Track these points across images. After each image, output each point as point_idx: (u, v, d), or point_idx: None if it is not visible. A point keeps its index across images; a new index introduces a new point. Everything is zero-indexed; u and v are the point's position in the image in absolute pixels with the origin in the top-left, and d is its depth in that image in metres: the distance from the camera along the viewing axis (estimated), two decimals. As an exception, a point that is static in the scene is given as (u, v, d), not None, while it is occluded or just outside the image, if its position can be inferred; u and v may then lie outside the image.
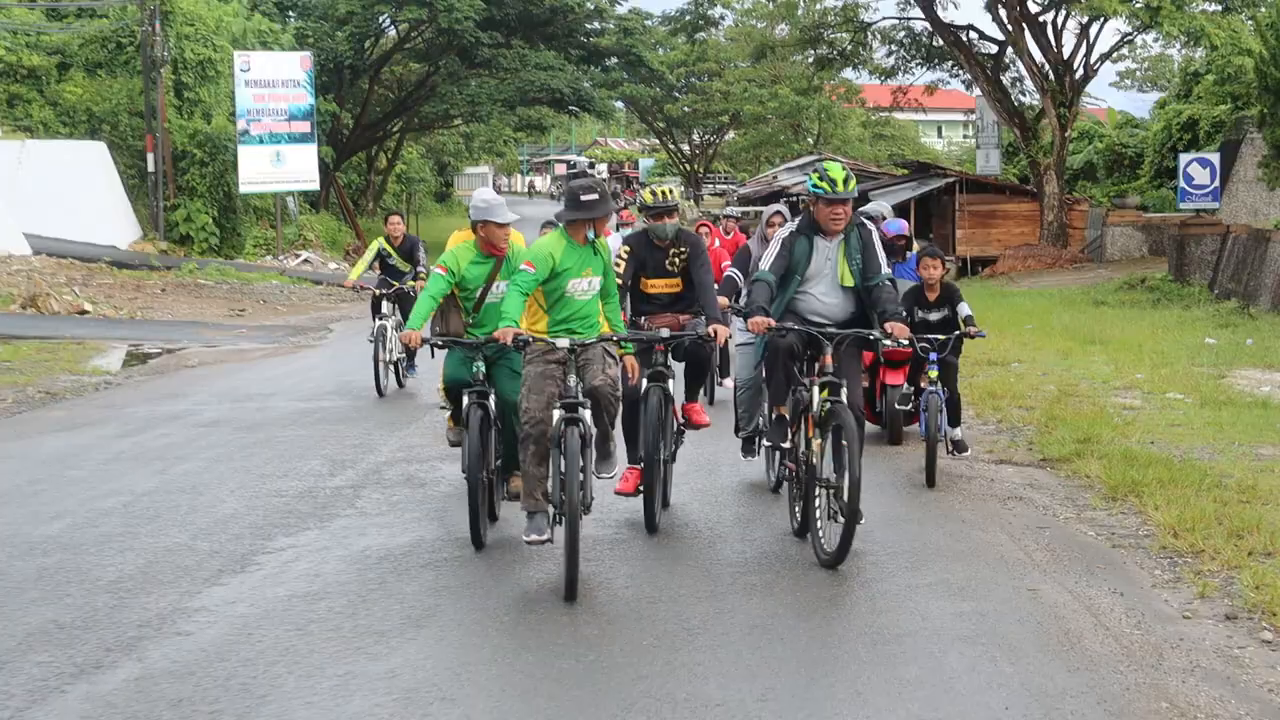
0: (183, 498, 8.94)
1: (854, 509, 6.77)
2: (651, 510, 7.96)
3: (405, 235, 14.69)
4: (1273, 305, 22.10)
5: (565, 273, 7.31)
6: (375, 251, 14.57)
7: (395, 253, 14.44)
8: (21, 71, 32.91)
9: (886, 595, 6.46)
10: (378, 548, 7.52)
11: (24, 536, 7.84)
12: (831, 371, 7.26)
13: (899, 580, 6.72)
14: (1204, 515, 7.44)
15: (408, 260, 14.44)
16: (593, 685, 5.25)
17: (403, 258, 14.44)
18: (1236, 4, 33.21)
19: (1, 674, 5.37)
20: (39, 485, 9.44)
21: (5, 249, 27.91)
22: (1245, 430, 10.50)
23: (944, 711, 4.89)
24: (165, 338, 20.57)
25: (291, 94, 34.16)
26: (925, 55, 42.07)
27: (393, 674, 5.41)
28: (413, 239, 14.78)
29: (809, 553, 7.22)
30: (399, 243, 14.52)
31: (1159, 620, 5.92)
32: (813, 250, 7.59)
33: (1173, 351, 16.45)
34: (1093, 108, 61.28)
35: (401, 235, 14.61)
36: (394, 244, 14.49)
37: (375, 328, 14.10)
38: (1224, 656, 5.42)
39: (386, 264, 14.52)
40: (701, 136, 72.68)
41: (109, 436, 11.68)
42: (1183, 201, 29.54)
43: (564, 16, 44.66)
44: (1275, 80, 24.25)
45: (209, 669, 5.43)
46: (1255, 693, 5.03)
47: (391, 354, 14.26)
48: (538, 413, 7.00)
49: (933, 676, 5.24)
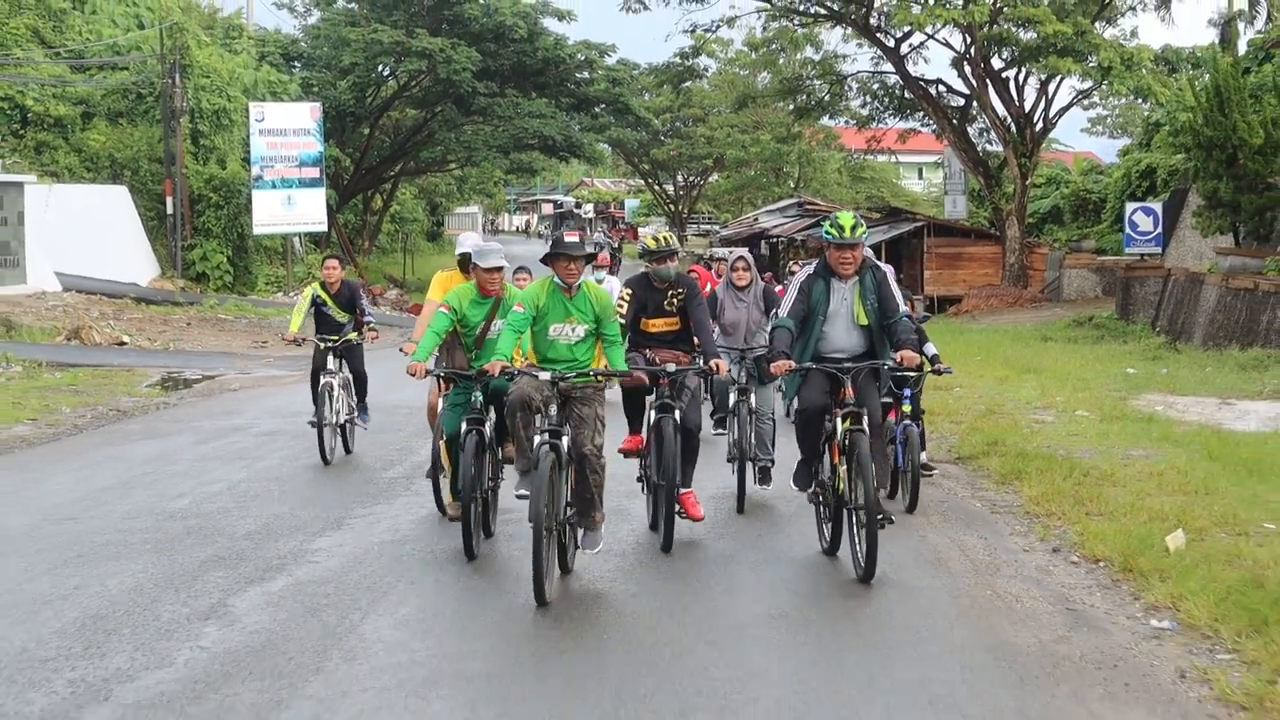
0: (272, 484, 11.26)
1: (873, 529, 7.41)
2: (670, 533, 8.50)
3: (344, 281, 12.93)
4: (1203, 341, 24.55)
5: (547, 316, 7.97)
6: (310, 299, 12.84)
7: (331, 300, 12.75)
8: (49, 120, 35.19)
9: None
10: (437, 516, 9.82)
11: (161, 509, 10.16)
12: (852, 402, 7.88)
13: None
14: (1062, 492, 9.84)
15: (346, 309, 12.81)
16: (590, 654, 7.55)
17: (340, 306, 12.79)
18: (1181, 65, 35.88)
19: (196, 583, 7.68)
20: (151, 478, 11.73)
21: (39, 286, 30.24)
22: (1126, 438, 12.87)
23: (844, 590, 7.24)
24: (202, 366, 22.88)
25: (302, 141, 36.61)
26: (898, 106, 44.61)
27: (456, 582, 7.74)
28: (352, 285, 13.05)
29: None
30: (336, 289, 12.79)
31: (1005, 552, 8.33)
32: (830, 291, 8.17)
33: (1095, 379, 18.84)
34: (1061, 153, 64.08)
35: (339, 281, 12.85)
36: (330, 290, 12.77)
37: (321, 385, 12.32)
38: (1041, 570, 7.82)
39: (321, 313, 12.82)
40: (686, 178, 75.22)
41: (189, 443, 13.98)
42: (1128, 247, 32.01)
43: (555, 67, 47.02)
44: (1206, 138, 26.62)
45: (340, 580, 7.77)
46: (1054, 588, 7.41)
47: (338, 415, 12.56)
48: (525, 388, 7.72)
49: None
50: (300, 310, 12.89)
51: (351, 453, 12.98)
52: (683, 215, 75.40)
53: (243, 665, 6.14)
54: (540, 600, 7.08)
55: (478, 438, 8.40)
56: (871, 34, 39.09)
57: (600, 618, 6.98)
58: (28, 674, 6.01)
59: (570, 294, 7.98)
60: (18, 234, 30.22)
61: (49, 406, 16.64)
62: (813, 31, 42.06)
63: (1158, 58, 36.06)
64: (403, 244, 57.56)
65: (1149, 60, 35.08)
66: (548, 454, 7.42)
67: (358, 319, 12.80)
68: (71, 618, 6.95)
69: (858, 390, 7.93)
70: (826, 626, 6.80)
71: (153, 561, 8.29)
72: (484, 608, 7.23)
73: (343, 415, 12.68)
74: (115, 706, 5.59)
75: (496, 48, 44.48)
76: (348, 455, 12.87)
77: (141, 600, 7.32)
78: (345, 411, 12.73)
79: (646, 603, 7.31)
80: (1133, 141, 51.14)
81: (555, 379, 7.70)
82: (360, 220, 54.07)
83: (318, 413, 12.21)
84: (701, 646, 6.39)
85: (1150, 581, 7.25)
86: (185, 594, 7.44)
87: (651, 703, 5.57)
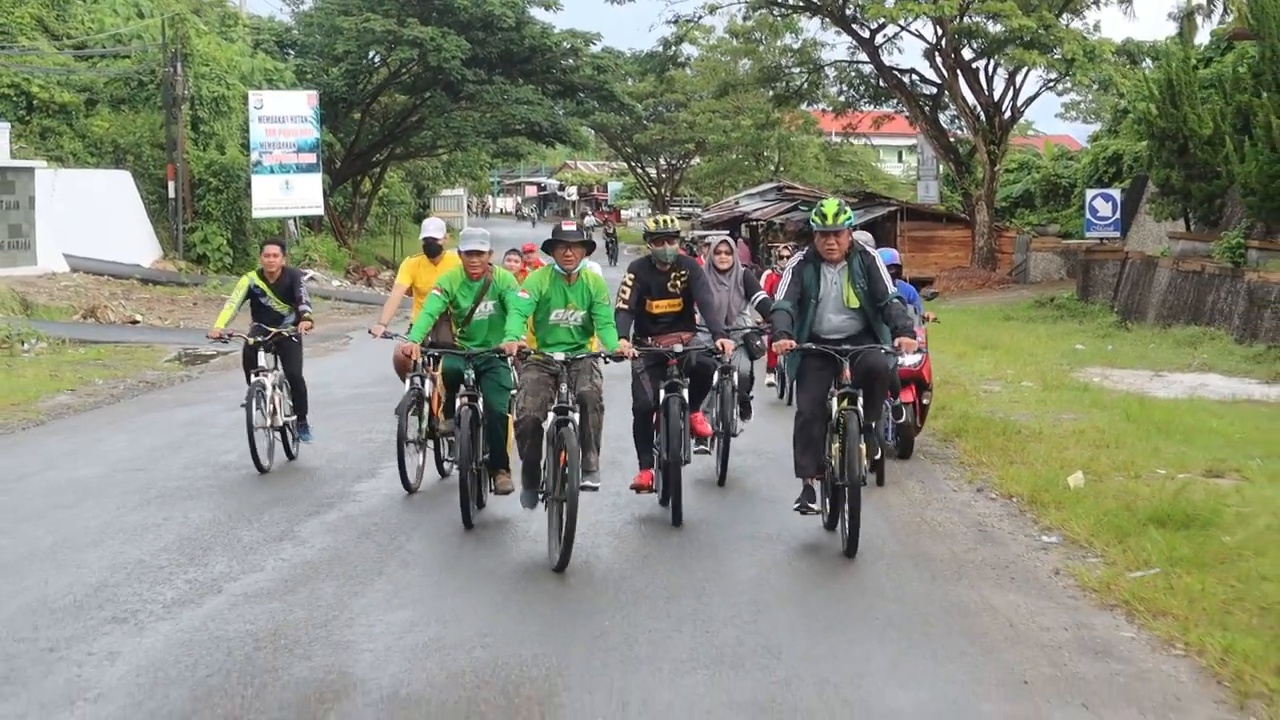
0: (308, 442, 12.82)
1: (856, 507, 7.81)
2: (679, 507, 8.89)
3: (284, 269, 11.72)
4: (1155, 320, 26.22)
5: (548, 301, 8.53)
6: (245, 289, 11.70)
7: (270, 290, 11.62)
8: (53, 107, 36.39)
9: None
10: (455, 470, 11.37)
11: (214, 461, 11.73)
12: (849, 384, 8.16)
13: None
14: (993, 446, 11.48)
15: (286, 299, 11.68)
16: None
17: (280, 296, 11.65)
18: (1141, 57, 37.54)
19: (264, 516, 9.25)
20: (195, 438, 13.27)
21: (49, 268, 31.63)
22: (1061, 404, 14.48)
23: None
24: (215, 343, 24.32)
25: (300, 128, 37.99)
26: (873, 94, 46.20)
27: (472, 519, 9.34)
28: (293, 273, 11.95)
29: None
30: (275, 278, 11.60)
31: (937, 491, 9.98)
32: (820, 276, 8.45)
33: (1047, 355, 20.49)
34: (1034, 138, 65.81)
35: (279, 269, 11.63)
36: (269, 279, 11.60)
37: (251, 385, 11.20)
38: (964, 504, 9.47)
39: (259, 304, 11.72)
40: (668, 162, 76.80)
41: (220, 410, 15.48)
42: (1088, 231, 33.56)
43: (542, 55, 48.37)
44: (1160, 128, 28.23)
45: (383, 514, 9.36)
46: (972, 516, 9.08)
47: (277, 416, 11.37)
48: (533, 411, 8.16)
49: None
50: (233, 303, 11.62)
51: (295, 458, 11.74)
52: (665, 198, 76.86)
53: (319, 570, 7.73)
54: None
55: (472, 413, 9.00)
56: (847, 24, 40.58)
57: (602, 552, 8.57)
58: (151, 577, 7.60)
59: (569, 281, 8.54)
60: (29, 217, 31.56)
61: (83, 379, 18.13)
62: (792, 20, 43.57)
63: (1119, 50, 37.67)
64: (392, 225, 58.93)
65: (1111, 53, 36.74)
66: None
67: (296, 310, 11.66)
68: (170, 540, 8.54)
69: (860, 362, 8.24)
70: (789, 545, 8.40)
71: (222, 501, 9.87)
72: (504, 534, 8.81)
73: (280, 416, 11.43)
74: (228, 596, 7.18)
75: (484, 36, 45.80)
76: (291, 461, 11.67)
77: (222, 528, 8.90)
78: (284, 412, 11.54)
79: (639, 551, 8.90)
80: (1102, 128, 52.86)
81: (568, 359, 8.25)
82: (350, 203, 55.43)
83: (248, 415, 10.91)
84: (697, 583, 7.99)
85: (1048, 510, 8.90)
86: (257, 524, 9.02)
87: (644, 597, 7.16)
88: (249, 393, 11.06)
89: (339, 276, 40.84)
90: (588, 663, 6.00)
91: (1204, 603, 6.50)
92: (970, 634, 6.38)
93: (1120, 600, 6.80)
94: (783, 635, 6.42)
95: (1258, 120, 22.25)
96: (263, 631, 6.50)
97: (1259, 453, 10.68)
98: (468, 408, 8.97)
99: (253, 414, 10.92)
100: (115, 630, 6.55)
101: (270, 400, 11.21)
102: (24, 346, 21.35)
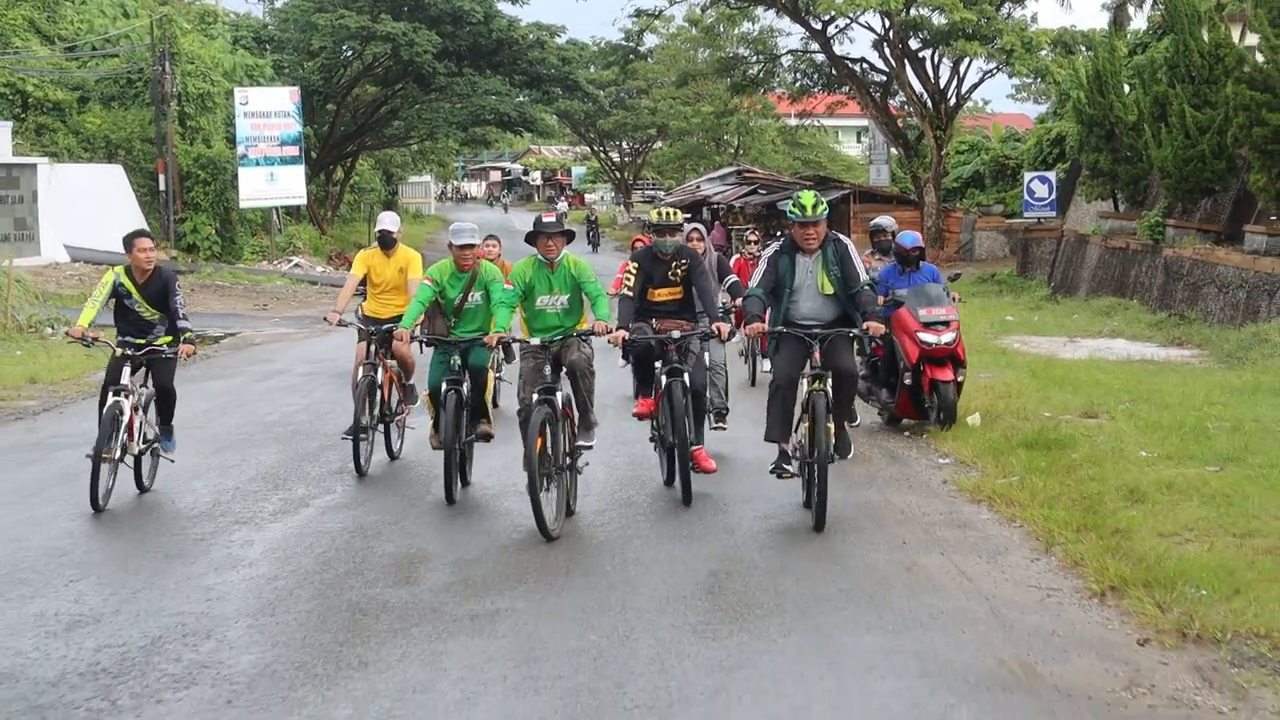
0: (335, 406, 14.93)
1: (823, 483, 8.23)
2: (688, 487, 9.27)
3: (157, 268, 10.07)
4: (1087, 294, 28.63)
5: (534, 290, 9.10)
6: (110, 286, 9.96)
7: (137, 291, 9.95)
8: (47, 105, 38.30)
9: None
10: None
11: (261, 420, 13.93)
12: (818, 367, 8.53)
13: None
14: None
15: (157, 305, 10.01)
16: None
17: (149, 300, 9.98)
18: (1076, 47, 39.97)
19: (320, 460, 11.47)
20: (236, 404, 15.43)
21: (53, 258, 33.67)
22: (980, 366, 16.64)
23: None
24: (220, 326, 26.46)
25: (282, 123, 40.10)
26: (826, 82, 48.49)
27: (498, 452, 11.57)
28: (167, 274, 10.18)
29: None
30: (146, 277, 9.95)
31: (864, 431, 12.25)
32: (795, 265, 8.79)
33: (978, 325, 22.80)
34: (985, 119, 68.22)
35: (152, 267, 10.01)
36: (137, 279, 9.93)
37: (109, 406, 9.48)
38: (882, 439, 11.78)
39: (123, 306, 10.01)
40: (631, 146, 78.94)
41: (248, 382, 17.66)
42: (1026, 212, 35.91)
43: (509, 47, 50.34)
44: (1089, 116, 30.51)
45: (415, 459, 11.55)
46: (885, 446, 11.39)
47: (132, 444, 9.68)
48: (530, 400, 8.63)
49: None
50: (96, 300, 10.00)
51: (148, 490, 10.09)
52: (628, 182, 79.06)
53: (377, 494, 10.00)
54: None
55: (456, 396, 9.60)
56: (799, 16, 42.80)
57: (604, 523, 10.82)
58: (251, 497, 9.85)
59: (552, 269, 9.08)
60: (32, 210, 33.59)
61: (113, 358, 20.22)
62: (748, 9, 45.75)
63: (1055, 40, 40.09)
64: (368, 213, 60.87)
65: (1047, 43, 39.16)
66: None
67: (171, 321, 10.03)
68: (252, 474, 10.78)
69: (828, 352, 8.57)
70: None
71: (281, 449, 12.09)
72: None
73: (137, 445, 9.78)
74: (315, 508, 9.45)
75: (454, 29, 47.78)
76: (141, 495, 10.00)
77: (289, 467, 11.13)
78: (141, 439, 9.86)
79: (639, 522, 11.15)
80: (1047, 110, 55.29)
81: (545, 344, 8.83)
82: (324, 191, 57.38)
83: (98, 441, 9.27)
84: (702, 556, 10.27)
85: (946, 441, 11.24)
86: (315, 465, 11.23)
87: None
88: (105, 414, 9.41)
89: (321, 262, 42.90)
90: (591, 543, 8.27)
91: (1042, 496, 8.86)
92: (871, 519, 8.69)
93: (985, 497, 9.15)
94: (736, 518, 8.72)
95: (1173, 109, 24.45)
96: (350, 528, 8.77)
97: (1127, 398, 13.04)
98: (453, 392, 9.61)
99: (102, 442, 9.23)
100: (242, 529, 8.81)
101: (125, 428, 9.48)
102: (50, 330, 23.38)
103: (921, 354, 11.85)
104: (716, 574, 7.46)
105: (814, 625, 6.46)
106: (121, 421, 9.43)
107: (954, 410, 11.90)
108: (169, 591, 7.31)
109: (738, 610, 6.72)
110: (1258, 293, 19.85)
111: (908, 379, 12.00)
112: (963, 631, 6.28)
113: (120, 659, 6.12)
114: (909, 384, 12.02)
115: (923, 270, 12.62)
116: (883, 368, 12.57)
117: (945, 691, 5.48)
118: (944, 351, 11.85)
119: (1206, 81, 23.72)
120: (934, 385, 11.88)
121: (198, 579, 7.56)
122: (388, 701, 5.53)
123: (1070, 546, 7.60)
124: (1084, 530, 7.92)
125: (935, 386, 11.87)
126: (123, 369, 9.67)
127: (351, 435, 10.53)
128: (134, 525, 9.07)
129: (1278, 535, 7.48)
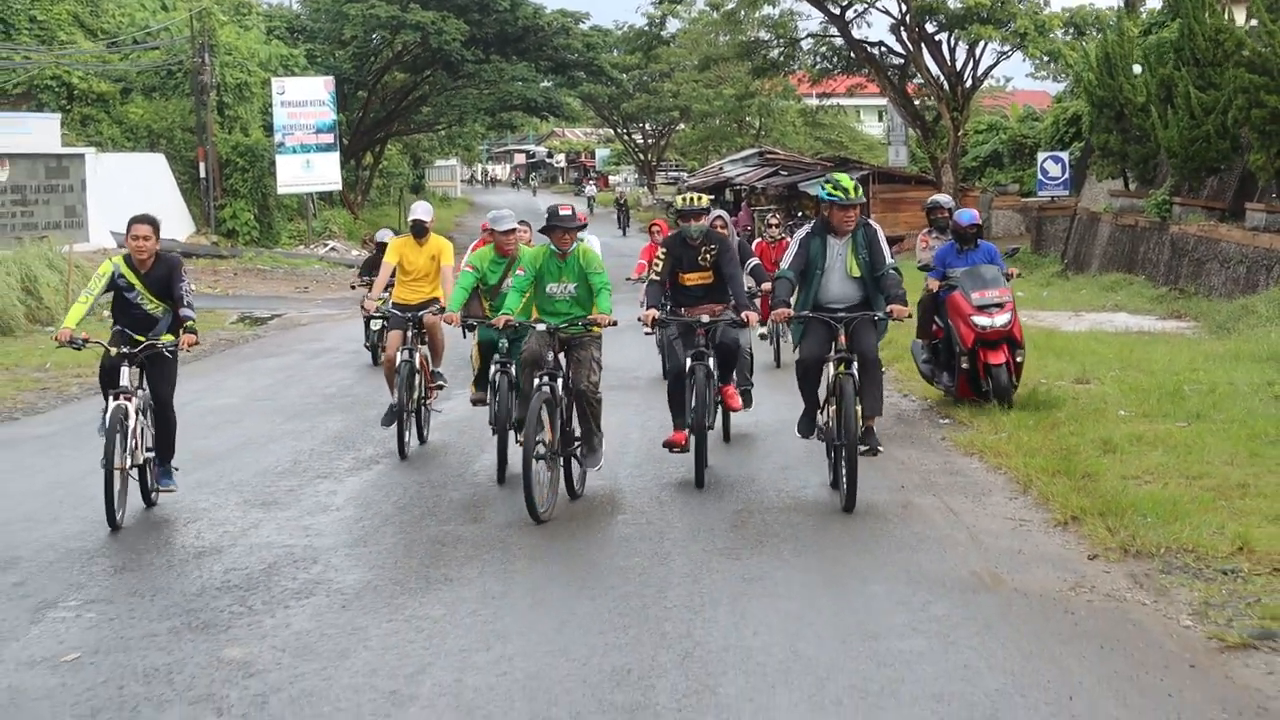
0: (381, 380, 16.24)
1: (853, 463, 8.41)
2: (701, 470, 9.48)
3: (159, 256, 9.12)
4: (1098, 270, 29.69)
5: (543, 276, 9.28)
6: (108, 278, 9.01)
7: (140, 282, 9.03)
8: (92, 96, 39.67)
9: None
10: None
11: (322, 392, 15.22)
12: (844, 350, 8.74)
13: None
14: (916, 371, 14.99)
15: (161, 296, 9.11)
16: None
17: (153, 291, 9.08)
18: (1088, 28, 40.89)
19: (369, 415, 12.74)
20: (294, 379, 16.70)
21: (101, 244, 35.01)
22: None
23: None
24: (266, 308, 27.82)
25: (318, 111, 41.44)
26: (845, 65, 49.47)
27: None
28: (171, 261, 9.22)
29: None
30: (147, 267, 9.03)
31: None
32: (826, 248, 8.95)
33: (989, 301, 23.98)
34: (1004, 98, 68.96)
35: (152, 255, 9.05)
36: (138, 268, 9.01)
37: (109, 412, 8.61)
38: (891, 405, 12.92)
39: (124, 300, 9.10)
40: (654, 129, 79.92)
41: (302, 359, 18.94)
42: (1040, 190, 36.84)
43: (535, 34, 51.54)
44: (1099, 97, 31.48)
45: (468, 421, 12.76)
46: (895, 410, 12.58)
47: (138, 453, 8.84)
48: (536, 347, 9.05)
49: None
50: (90, 294, 8.98)
51: (155, 505, 9.21)
52: (651, 164, 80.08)
53: (439, 452, 11.31)
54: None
55: (506, 379, 9.95)
56: (819, 2, 43.79)
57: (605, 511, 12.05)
58: (327, 456, 11.16)
59: (563, 258, 9.24)
60: (81, 199, 35.02)
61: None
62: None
63: (1067, 22, 41.00)
64: (397, 197, 62.15)
65: (1059, 26, 40.11)
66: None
67: (175, 314, 9.09)
68: (324, 437, 12.07)
69: (853, 336, 8.76)
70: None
71: (344, 416, 13.37)
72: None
73: (141, 453, 8.91)
74: (384, 465, 10.76)
75: (481, 17, 48.95)
76: (149, 510, 9.14)
77: (356, 431, 12.41)
78: (145, 447, 8.96)
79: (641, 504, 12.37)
80: (1065, 89, 56.09)
81: (551, 329, 9.04)
82: (354, 176, 58.70)
83: (106, 451, 8.42)
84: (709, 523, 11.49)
85: (947, 405, 12.45)
86: (380, 430, 12.35)
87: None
88: (109, 420, 8.54)
89: (356, 247, 44.24)
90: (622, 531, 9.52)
91: (1026, 448, 10.08)
92: (875, 469, 9.88)
93: (977, 450, 10.40)
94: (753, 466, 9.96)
95: (1179, 91, 25.41)
96: (420, 482, 10.04)
97: (1118, 366, 14.21)
98: (502, 373, 9.98)
99: (112, 449, 8.41)
100: (324, 482, 10.11)
101: (133, 433, 8.69)
102: (107, 313, 24.72)
103: (976, 337, 11.91)
104: (739, 512, 8.74)
105: (820, 548, 7.75)
106: (129, 426, 8.59)
107: (1008, 392, 11.86)
108: (273, 530, 8.60)
109: (757, 538, 8.00)
110: (1257, 267, 20.94)
111: (964, 363, 12.12)
112: (945, 551, 7.54)
113: (246, 578, 7.39)
114: (965, 367, 12.14)
115: (980, 249, 12.71)
116: (943, 350, 12.76)
117: (925, 592, 6.75)
118: (998, 334, 11.87)
119: (1211, 64, 24.61)
120: (987, 369, 11.93)
121: (295, 521, 8.85)
122: (472, 604, 6.79)
123: (1044, 487, 8.84)
124: (1058, 475, 9.14)
125: (989, 370, 11.90)
126: (120, 369, 8.75)
127: (393, 421, 10.99)
128: (228, 479, 10.33)
129: (1223, 476, 8.71)
